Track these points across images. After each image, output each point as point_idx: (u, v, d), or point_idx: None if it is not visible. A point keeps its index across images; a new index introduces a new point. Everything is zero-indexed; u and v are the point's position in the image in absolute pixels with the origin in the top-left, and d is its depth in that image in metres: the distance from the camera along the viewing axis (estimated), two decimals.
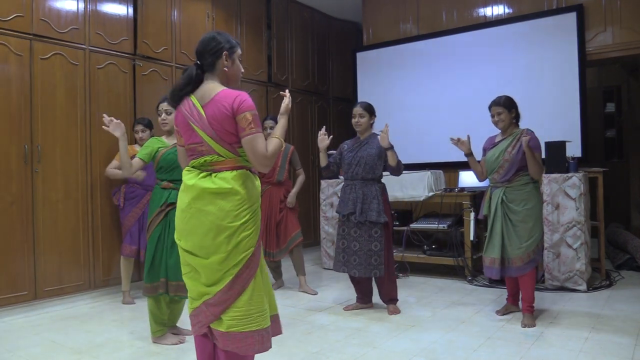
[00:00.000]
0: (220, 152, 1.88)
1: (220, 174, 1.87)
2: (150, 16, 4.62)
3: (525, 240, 3.28)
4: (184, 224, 1.91)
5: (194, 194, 1.87)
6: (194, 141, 1.92)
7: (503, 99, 3.42)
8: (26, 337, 3.23)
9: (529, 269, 3.29)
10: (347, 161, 3.67)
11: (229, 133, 1.87)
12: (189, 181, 1.90)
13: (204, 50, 1.96)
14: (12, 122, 3.69)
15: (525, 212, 3.29)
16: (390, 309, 3.64)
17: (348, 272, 3.64)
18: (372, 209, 3.53)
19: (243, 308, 1.86)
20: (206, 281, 1.88)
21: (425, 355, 2.78)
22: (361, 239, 3.56)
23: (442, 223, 4.82)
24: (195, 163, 1.92)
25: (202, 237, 1.86)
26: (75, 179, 4.05)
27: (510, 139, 3.39)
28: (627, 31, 4.81)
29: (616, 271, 4.74)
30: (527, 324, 3.25)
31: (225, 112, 1.86)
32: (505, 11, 5.45)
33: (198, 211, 1.86)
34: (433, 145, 5.55)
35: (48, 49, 3.90)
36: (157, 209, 3.03)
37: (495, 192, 3.42)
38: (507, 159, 3.36)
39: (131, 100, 4.47)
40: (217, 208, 1.84)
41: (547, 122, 4.98)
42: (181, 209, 1.92)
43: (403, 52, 6.00)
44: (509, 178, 3.36)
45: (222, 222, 1.84)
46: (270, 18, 6.01)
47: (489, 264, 3.38)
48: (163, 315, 3.06)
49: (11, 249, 3.66)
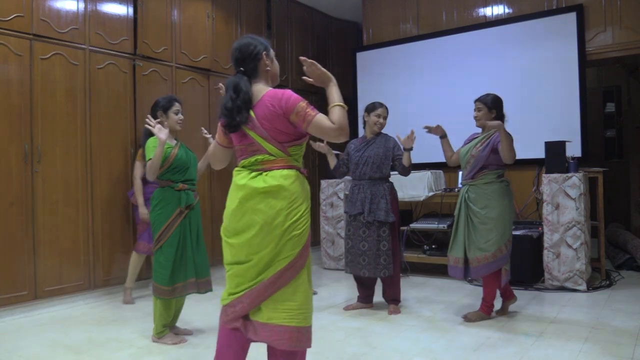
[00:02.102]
0: (272, 151, 1.91)
1: (270, 172, 1.90)
2: (150, 16, 4.62)
3: (484, 242, 3.24)
4: (235, 222, 1.93)
5: (245, 193, 1.90)
6: (244, 142, 1.95)
7: (489, 97, 3.37)
8: (26, 337, 3.23)
9: (490, 270, 3.26)
10: (355, 161, 3.66)
11: (280, 132, 1.91)
12: (240, 181, 1.93)
13: (244, 57, 1.98)
14: (12, 122, 3.69)
15: (484, 213, 3.25)
16: (391, 308, 3.64)
17: (355, 272, 3.63)
18: (380, 208, 3.53)
19: (286, 302, 1.89)
20: (251, 276, 1.91)
21: (425, 355, 2.78)
22: (370, 238, 3.55)
23: (442, 223, 4.82)
24: (245, 162, 1.96)
25: (253, 235, 1.89)
26: (75, 179, 4.05)
27: (482, 137, 3.37)
28: (627, 31, 4.81)
29: (616, 271, 4.74)
30: (470, 317, 3.31)
31: (274, 111, 1.89)
32: (505, 11, 5.45)
33: (250, 210, 1.90)
34: (433, 145, 5.49)
35: (48, 49, 3.90)
36: (173, 211, 3.00)
37: (461, 190, 3.44)
38: (473, 154, 3.34)
39: (131, 100, 4.47)
40: (268, 207, 1.88)
41: (547, 122, 4.99)
42: (232, 208, 1.94)
43: (403, 52, 6.00)
44: (473, 175, 3.34)
45: (273, 220, 1.88)
46: (270, 18, 6.01)
47: (453, 263, 3.38)
48: (170, 317, 3.07)
49: (11, 249, 3.66)
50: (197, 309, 3.85)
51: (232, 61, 2.02)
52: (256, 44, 1.99)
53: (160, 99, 3.24)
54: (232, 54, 2.02)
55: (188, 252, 3.04)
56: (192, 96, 5.00)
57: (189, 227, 3.06)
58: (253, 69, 1.99)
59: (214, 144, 2.15)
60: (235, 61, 2.00)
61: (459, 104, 5.47)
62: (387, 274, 3.53)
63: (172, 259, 2.98)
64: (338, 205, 5.34)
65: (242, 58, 1.98)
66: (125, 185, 4.37)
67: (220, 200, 5.03)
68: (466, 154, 3.39)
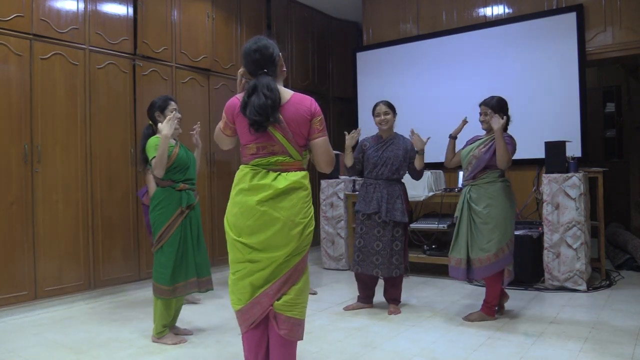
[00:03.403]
0: (292, 153, 1.98)
1: (289, 173, 1.98)
2: (150, 16, 4.61)
3: (486, 242, 3.24)
4: (252, 221, 1.95)
5: (268, 193, 1.93)
6: (262, 141, 1.96)
7: (495, 100, 3.35)
8: (26, 337, 3.23)
9: (493, 271, 3.25)
10: (373, 161, 3.63)
11: (301, 136, 2.00)
12: (260, 180, 1.95)
13: (265, 59, 2.00)
14: (12, 122, 3.69)
15: (486, 212, 3.25)
16: (391, 308, 3.63)
17: (368, 272, 3.59)
18: (397, 208, 3.54)
19: (296, 296, 1.99)
20: (268, 275, 1.96)
21: (425, 355, 2.78)
22: (384, 238, 3.55)
23: (442, 223, 4.82)
24: (262, 162, 1.97)
25: (274, 233, 1.94)
26: (75, 179, 4.05)
27: (486, 139, 3.37)
28: (627, 31, 4.81)
29: (616, 271, 4.74)
30: (471, 318, 3.29)
31: (305, 115, 1.97)
32: (505, 11, 5.45)
33: (271, 208, 1.94)
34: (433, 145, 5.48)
35: (48, 49, 3.90)
36: (174, 211, 3.01)
37: (463, 190, 3.43)
38: (475, 155, 3.34)
39: (131, 100, 4.47)
40: (290, 204, 1.95)
41: (547, 122, 4.99)
42: (248, 207, 1.95)
43: (403, 52, 6.00)
44: (474, 175, 3.34)
45: (295, 217, 1.95)
46: (270, 18, 6.01)
47: (455, 264, 3.37)
48: (170, 316, 3.07)
49: (11, 249, 3.66)
50: (197, 308, 3.85)
51: (250, 62, 2.02)
52: (273, 46, 2.04)
53: (156, 100, 3.23)
54: (248, 55, 2.02)
55: (189, 252, 3.05)
56: (192, 96, 5.00)
57: (189, 227, 3.07)
58: (274, 70, 2.03)
59: (221, 132, 2.13)
60: (255, 63, 2.01)
61: (459, 103, 5.47)
62: (398, 274, 3.55)
63: (173, 258, 2.98)
64: (338, 205, 5.34)
65: (263, 60, 2.00)
66: (125, 185, 4.37)
67: (219, 200, 5.04)
68: (468, 154, 3.39)
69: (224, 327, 3.38)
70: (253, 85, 1.96)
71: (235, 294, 2.02)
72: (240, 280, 2.00)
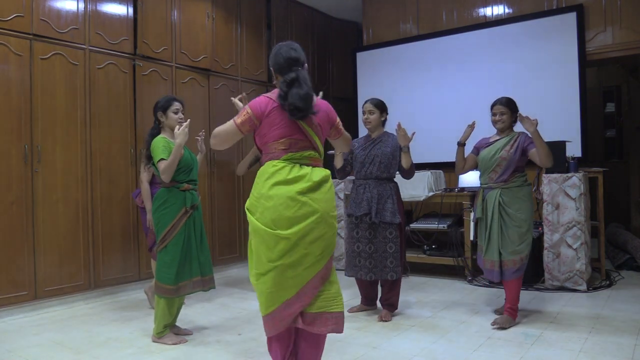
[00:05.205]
0: (320, 150, 2.14)
1: (318, 168, 2.12)
2: (150, 16, 4.62)
3: (518, 245, 3.25)
4: (292, 212, 1.99)
5: (307, 184, 2.02)
6: (295, 136, 2.06)
7: (505, 99, 3.38)
8: (26, 337, 3.22)
9: (521, 273, 3.28)
10: (360, 160, 3.52)
11: (324, 135, 2.19)
12: (298, 172, 2.03)
13: (302, 59, 2.13)
14: (12, 122, 3.69)
15: (520, 217, 3.26)
16: (382, 313, 3.48)
17: (361, 276, 3.47)
18: (387, 209, 3.40)
19: (334, 289, 2.08)
20: (302, 272, 2.00)
21: (425, 355, 2.78)
22: (376, 240, 3.43)
23: (442, 223, 4.82)
24: (295, 156, 2.06)
25: (314, 222, 2.01)
26: (75, 179, 4.05)
27: (507, 139, 3.35)
28: (627, 31, 4.81)
29: (616, 271, 4.74)
30: (500, 323, 3.20)
31: (328, 118, 2.18)
32: (505, 11, 5.45)
33: (310, 199, 2.01)
34: (433, 145, 5.55)
35: (48, 49, 3.90)
36: (178, 211, 3.02)
37: (490, 193, 3.35)
38: (504, 157, 3.30)
39: (131, 100, 4.47)
40: (324, 197, 2.06)
41: (547, 122, 4.95)
42: (289, 198, 1.99)
43: (403, 52, 6.01)
44: (506, 178, 3.31)
45: (330, 211, 2.07)
46: (270, 18, 6.01)
47: (490, 267, 3.34)
48: (172, 316, 3.07)
49: (11, 249, 3.66)
50: (197, 308, 3.85)
51: (286, 59, 2.09)
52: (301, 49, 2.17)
53: (160, 100, 3.23)
54: (286, 52, 2.10)
55: (193, 251, 3.07)
56: (192, 96, 5.00)
57: (193, 227, 3.08)
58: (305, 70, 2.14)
59: (235, 128, 2.10)
60: (290, 59, 2.09)
61: (459, 103, 5.48)
62: (395, 277, 3.41)
63: (177, 258, 2.99)
64: (338, 206, 5.34)
65: (301, 59, 2.12)
66: (125, 185, 4.37)
67: (220, 200, 5.02)
68: (493, 156, 3.33)
69: (224, 326, 3.38)
70: (294, 77, 2.04)
71: (266, 296, 2.02)
72: (271, 280, 2.00)
